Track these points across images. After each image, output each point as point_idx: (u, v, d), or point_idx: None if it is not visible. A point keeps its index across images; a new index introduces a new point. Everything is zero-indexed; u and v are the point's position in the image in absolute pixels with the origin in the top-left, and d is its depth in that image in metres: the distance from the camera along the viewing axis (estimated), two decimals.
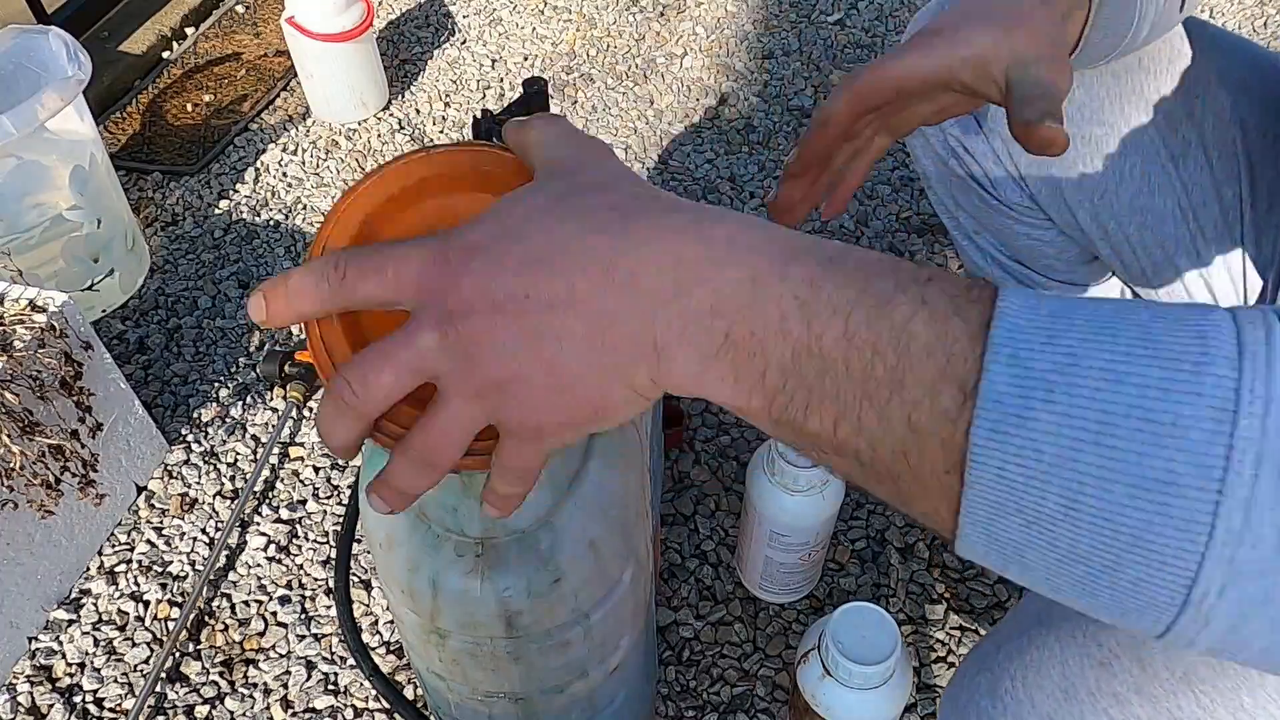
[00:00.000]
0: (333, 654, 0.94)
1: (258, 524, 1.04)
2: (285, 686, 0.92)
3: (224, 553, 1.02)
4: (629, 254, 0.31)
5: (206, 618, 0.97)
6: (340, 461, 1.09)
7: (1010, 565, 0.28)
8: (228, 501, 1.06)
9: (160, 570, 1.01)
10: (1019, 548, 0.27)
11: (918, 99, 0.55)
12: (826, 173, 0.58)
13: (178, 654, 0.94)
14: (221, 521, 1.04)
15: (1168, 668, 0.52)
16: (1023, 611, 0.61)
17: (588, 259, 0.31)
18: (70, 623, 0.97)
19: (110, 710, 0.91)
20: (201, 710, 0.91)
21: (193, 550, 1.02)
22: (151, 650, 0.95)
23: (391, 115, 1.55)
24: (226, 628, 0.96)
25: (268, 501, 1.06)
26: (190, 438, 1.12)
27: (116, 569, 1.01)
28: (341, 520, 1.04)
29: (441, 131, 1.52)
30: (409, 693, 0.90)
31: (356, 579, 0.99)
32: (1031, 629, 0.58)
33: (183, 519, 1.05)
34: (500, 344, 0.31)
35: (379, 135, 1.51)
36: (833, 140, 0.55)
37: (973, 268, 0.89)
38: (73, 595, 0.99)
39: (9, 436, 0.85)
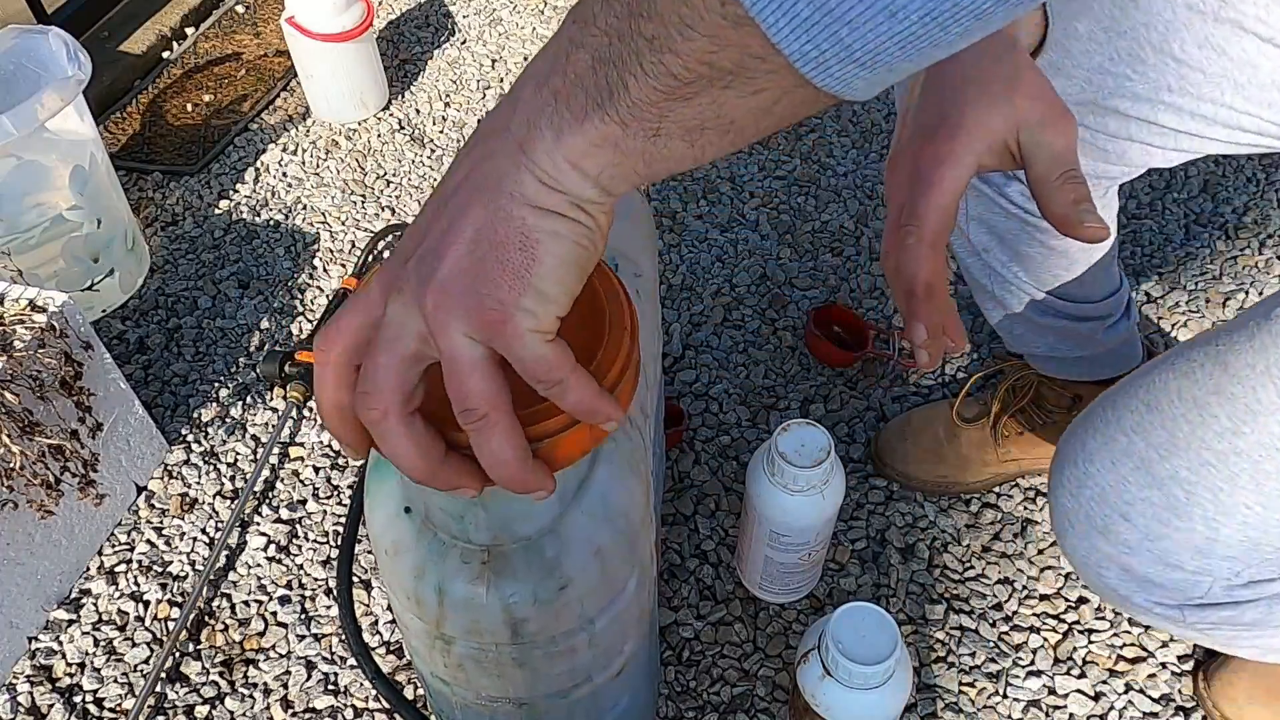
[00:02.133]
0: (333, 654, 0.94)
1: (258, 524, 1.04)
2: (285, 686, 0.92)
3: (224, 553, 1.02)
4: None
5: (206, 618, 0.97)
6: (340, 461, 1.09)
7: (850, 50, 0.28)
8: (228, 501, 1.06)
9: (160, 570, 1.01)
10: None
11: None
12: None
13: (178, 654, 0.95)
14: (221, 521, 1.04)
15: (1250, 364, 0.54)
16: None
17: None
18: (70, 623, 0.97)
19: (110, 710, 0.91)
20: (201, 710, 0.91)
21: (193, 550, 1.02)
22: (151, 650, 0.95)
23: (391, 115, 1.55)
24: (226, 628, 0.96)
25: (268, 501, 1.06)
26: (190, 438, 1.12)
27: (116, 569, 1.01)
28: (341, 520, 1.04)
29: (442, 131, 1.52)
30: (409, 693, 0.90)
31: (356, 579, 0.99)
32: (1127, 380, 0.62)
33: (183, 519, 1.05)
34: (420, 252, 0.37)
35: (379, 135, 1.51)
36: (947, 296, 0.53)
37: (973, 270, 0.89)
38: (73, 595, 0.99)
39: (9, 436, 0.85)
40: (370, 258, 1.31)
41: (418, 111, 1.56)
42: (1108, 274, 0.89)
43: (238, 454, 1.10)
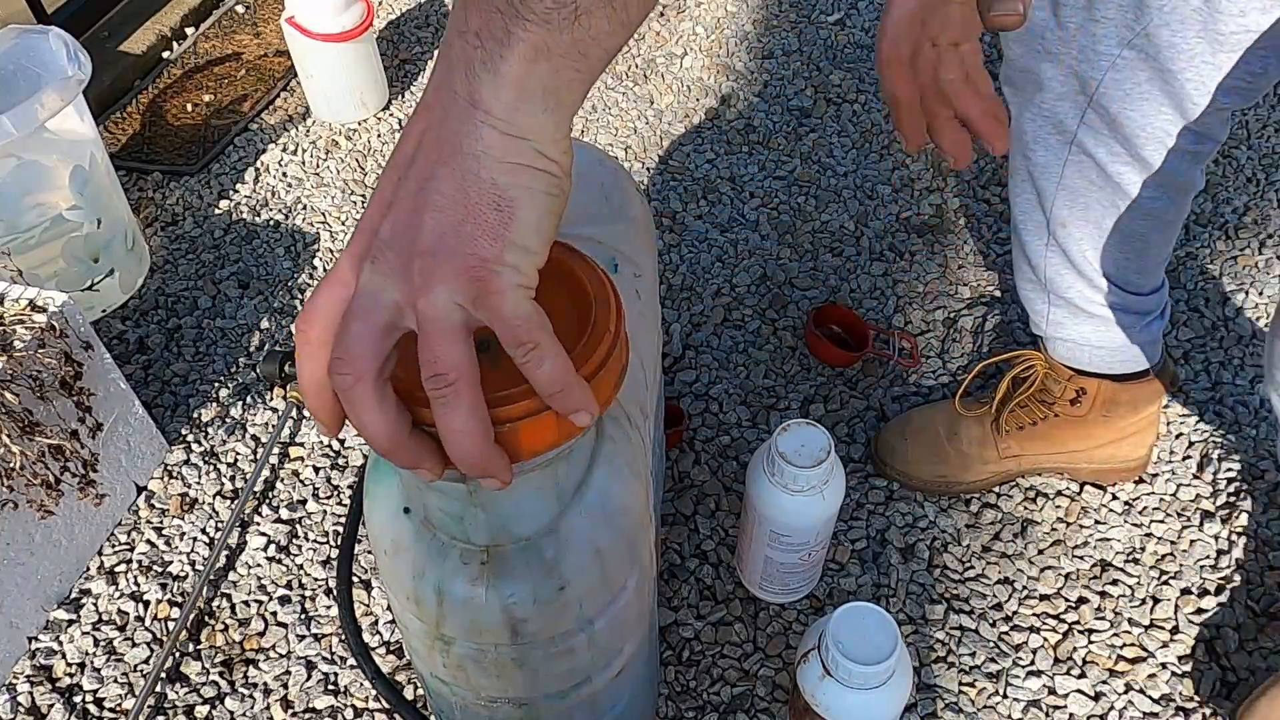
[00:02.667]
0: (333, 654, 0.94)
1: (258, 524, 1.04)
2: (285, 686, 0.92)
3: (224, 553, 1.02)
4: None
5: (206, 618, 0.97)
6: (340, 461, 1.09)
7: None
8: (228, 501, 1.06)
9: (160, 570, 1.01)
10: None
11: (935, 15, 0.55)
12: (947, 115, 0.58)
13: (178, 654, 0.95)
14: (221, 521, 1.04)
15: None
16: None
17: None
18: (70, 623, 0.97)
19: (110, 710, 0.91)
20: (201, 710, 0.91)
21: (193, 550, 1.02)
22: (151, 650, 0.95)
23: (391, 115, 1.55)
24: (226, 628, 0.96)
25: (268, 501, 1.06)
26: (190, 438, 1.12)
27: (116, 569, 1.01)
28: (341, 520, 1.04)
29: None
30: (409, 693, 0.90)
31: (356, 579, 0.99)
32: None
33: (183, 519, 1.05)
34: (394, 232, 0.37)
35: (379, 135, 1.51)
36: (915, 108, 0.57)
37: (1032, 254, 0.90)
38: (73, 595, 0.99)
39: (9, 436, 0.85)
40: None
41: None
42: (1162, 267, 0.91)
43: (238, 454, 1.10)
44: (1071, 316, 0.92)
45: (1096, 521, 1.02)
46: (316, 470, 1.09)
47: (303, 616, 0.97)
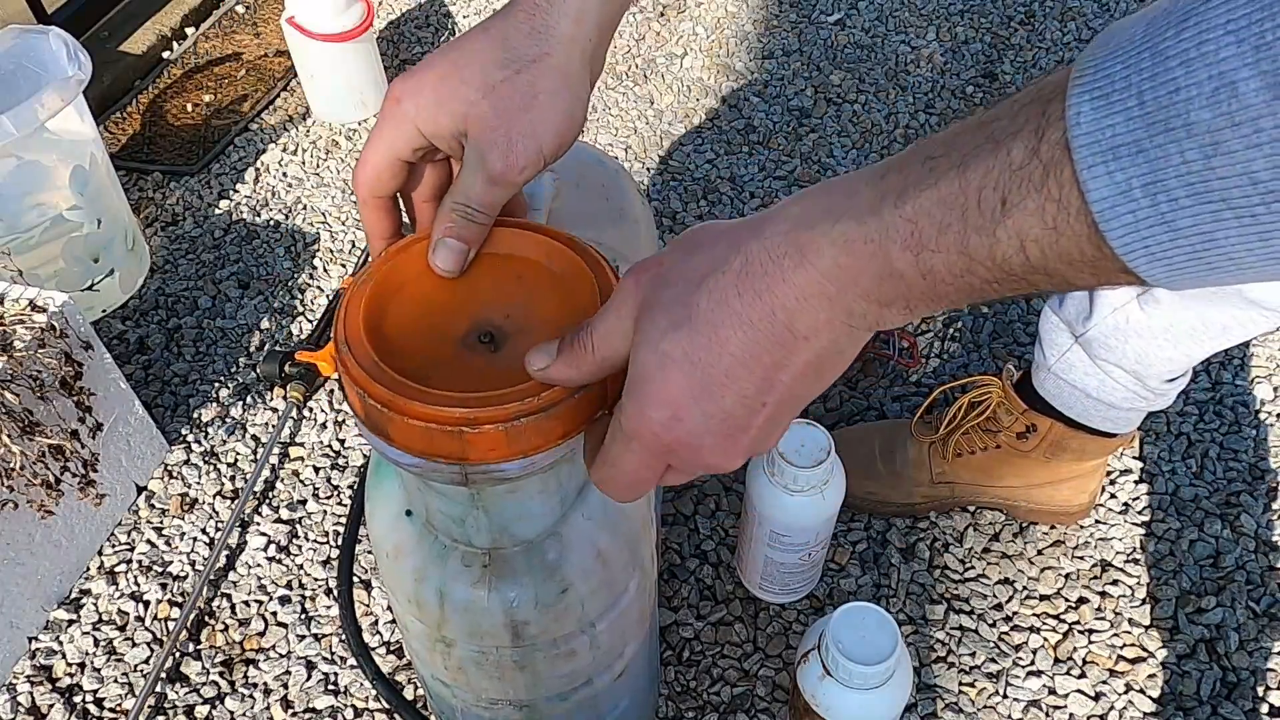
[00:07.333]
0: (333, 654, 0.94)
1: (258, 524, 1.04)
2: (285, 686, 0.92)
3: (224, 553, 1.02)
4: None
5: (206, 618, 0.97)
6: (340, 461, 1.09)
7: (1199, 254, 0.26)
8: (228, 501, 1.06)
9: (160, 570, 1.01)
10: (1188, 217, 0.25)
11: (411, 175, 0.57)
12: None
13: (178, 654, 0.95)
14: (221, 521, 1.04)
15: None
16: None
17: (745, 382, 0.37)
18: (70, 623, 0.97)
19: (110, 710, 0.91)
20: (201, 710, 0.91)
21: (193, 550, 1.02)
22: (151, 650, 0.95)
23: None
24: (226, 628, 0.96)
25: (268, 501, 1.06)
26: (190, 438, 1.12)
27: (116, 569, 1.01)
28: (341, 520, 1.04)
29: None
30: (409, 693, 0.90)
31: (356, 579, 0.99)
32: None
33: (183, 519, 1.05)
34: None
35: None
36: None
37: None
38: (73, 595, 0.99)
39: (9, 436, 0.85)
40: (370, 257, 1.31)
41: None
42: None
43: (238, 454, 1.10)
44: (1088, 365, 0.85)
45: (1097, 521, 1.02)
46: (316, 470, 1.08)
47: (303, 616, 0.97)
